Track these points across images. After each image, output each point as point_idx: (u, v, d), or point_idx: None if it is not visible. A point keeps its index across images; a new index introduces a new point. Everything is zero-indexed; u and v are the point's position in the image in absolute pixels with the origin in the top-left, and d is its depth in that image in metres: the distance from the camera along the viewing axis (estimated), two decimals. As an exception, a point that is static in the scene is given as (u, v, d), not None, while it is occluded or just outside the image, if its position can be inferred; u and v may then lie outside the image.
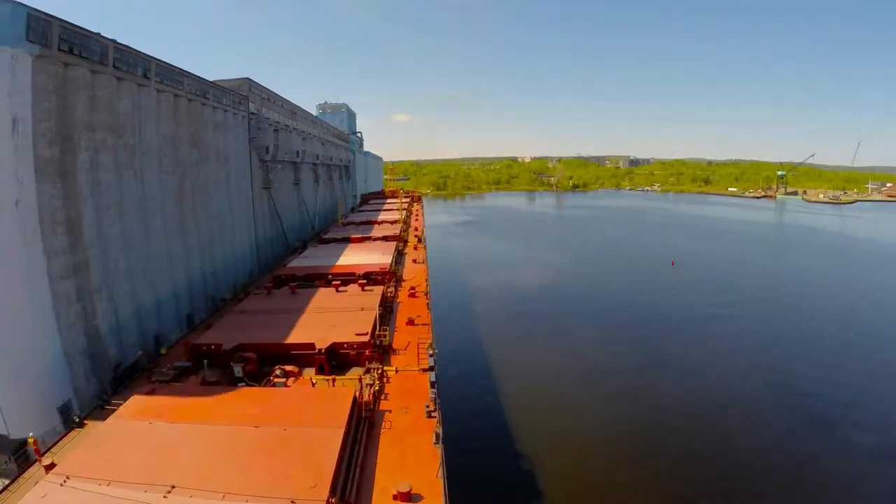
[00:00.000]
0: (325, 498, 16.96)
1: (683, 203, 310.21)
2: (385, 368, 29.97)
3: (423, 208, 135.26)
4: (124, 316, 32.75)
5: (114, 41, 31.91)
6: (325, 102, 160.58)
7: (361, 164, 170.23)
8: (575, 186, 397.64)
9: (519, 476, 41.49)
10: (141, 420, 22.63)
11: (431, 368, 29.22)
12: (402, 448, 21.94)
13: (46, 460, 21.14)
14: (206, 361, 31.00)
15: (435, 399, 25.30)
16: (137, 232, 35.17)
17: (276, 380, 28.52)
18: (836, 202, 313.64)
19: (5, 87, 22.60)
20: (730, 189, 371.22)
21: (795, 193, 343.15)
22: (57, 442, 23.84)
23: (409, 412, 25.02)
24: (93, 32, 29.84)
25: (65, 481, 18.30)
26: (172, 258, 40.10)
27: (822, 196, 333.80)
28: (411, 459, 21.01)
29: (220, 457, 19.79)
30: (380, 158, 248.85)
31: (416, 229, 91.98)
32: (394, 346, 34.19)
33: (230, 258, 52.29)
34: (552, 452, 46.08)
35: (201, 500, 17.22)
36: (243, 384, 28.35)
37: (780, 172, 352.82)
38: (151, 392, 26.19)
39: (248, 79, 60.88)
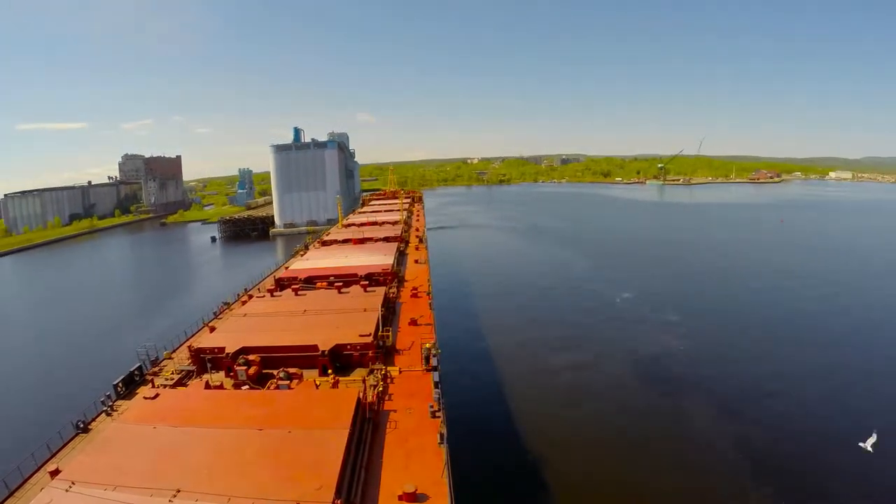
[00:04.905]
0: (331, 500, 16.92)
1: (575, 188, 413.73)
2: (388, 369, 29.96)
3: (423, 208, 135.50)
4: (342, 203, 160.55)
5: (340, 142, 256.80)
6: (333, 132, 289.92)
7: (354, 170, 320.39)
8: (502, 181, 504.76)
9: (524, 473, 41.35)
10: (145, 424, 22.67)
11: (435, 368, 29.16)
12: (407, 448, 21.94)
13: (51, 466, 21.18)
14: (209, 365, 31.05)
15: (439, 399, 25.26)
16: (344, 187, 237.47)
17: (280, 382, 28.51)
18: (687, 184, 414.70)
19: (336, 156, 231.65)
20: (617, 179, 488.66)
21: (678, 180, 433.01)
22: (62, 447, 23.92)
23: (413, 412, 25.00)
24: (342, 143, 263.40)
25: (70, 487, 18.32)
26: (343, 196, 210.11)
27: (680, 180, 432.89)
28: (416, 460, 21.01)
29: (224, 460, 19.80)
30: (358, 164, 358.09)
31: (418, 230, 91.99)
32: (397, 346, 34.22)
33: (342, 204, 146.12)
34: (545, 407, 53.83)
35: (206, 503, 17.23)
36: (247, 387, 28.39)
37: (659, 165, 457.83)
38: (155, 396, 26.24)
39: (343, 138, 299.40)
